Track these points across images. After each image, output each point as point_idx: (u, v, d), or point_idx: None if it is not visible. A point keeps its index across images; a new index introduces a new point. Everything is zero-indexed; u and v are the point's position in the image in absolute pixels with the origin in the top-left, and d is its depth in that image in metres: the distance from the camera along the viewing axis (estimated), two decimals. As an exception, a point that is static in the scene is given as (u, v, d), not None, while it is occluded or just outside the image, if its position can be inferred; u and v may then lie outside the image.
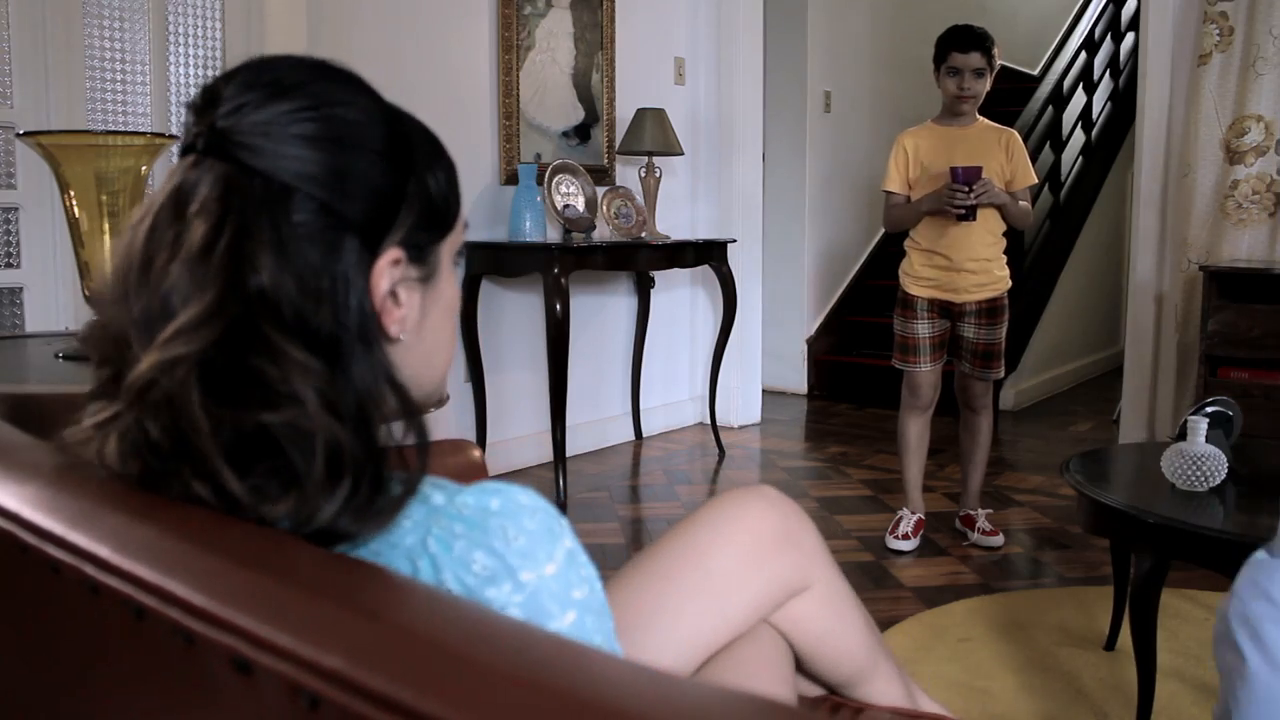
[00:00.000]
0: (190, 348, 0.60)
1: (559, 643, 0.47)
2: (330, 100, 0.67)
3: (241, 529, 0.60)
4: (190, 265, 0.62)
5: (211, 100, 0.66)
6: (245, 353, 0.61)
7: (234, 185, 0.64)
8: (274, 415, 0.60)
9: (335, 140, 0.66)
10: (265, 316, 0.62)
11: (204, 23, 2.99)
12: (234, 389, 0.61)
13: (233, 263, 0.62)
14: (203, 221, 0.63)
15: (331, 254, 0.65)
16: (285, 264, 0.63)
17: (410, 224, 0.69)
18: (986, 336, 2.86)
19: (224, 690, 0.48)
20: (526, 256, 3.38)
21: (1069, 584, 2.63)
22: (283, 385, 0.61)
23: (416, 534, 0.63)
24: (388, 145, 0.69)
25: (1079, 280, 5.52)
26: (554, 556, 0.64)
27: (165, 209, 0.65)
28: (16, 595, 0.66)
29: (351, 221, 0.66)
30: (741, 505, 1.12)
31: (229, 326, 0.61)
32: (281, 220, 0.63)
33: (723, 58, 4.45)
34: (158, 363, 0.61)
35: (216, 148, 0.65)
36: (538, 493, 0.66)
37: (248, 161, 0.64)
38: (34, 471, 0.69)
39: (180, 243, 0.63)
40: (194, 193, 0.64)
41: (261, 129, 0.64)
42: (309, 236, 0.64)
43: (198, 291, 0.62)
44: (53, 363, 1.59)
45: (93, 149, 1.58)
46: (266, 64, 0.68)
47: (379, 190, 0.68)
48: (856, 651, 1.21)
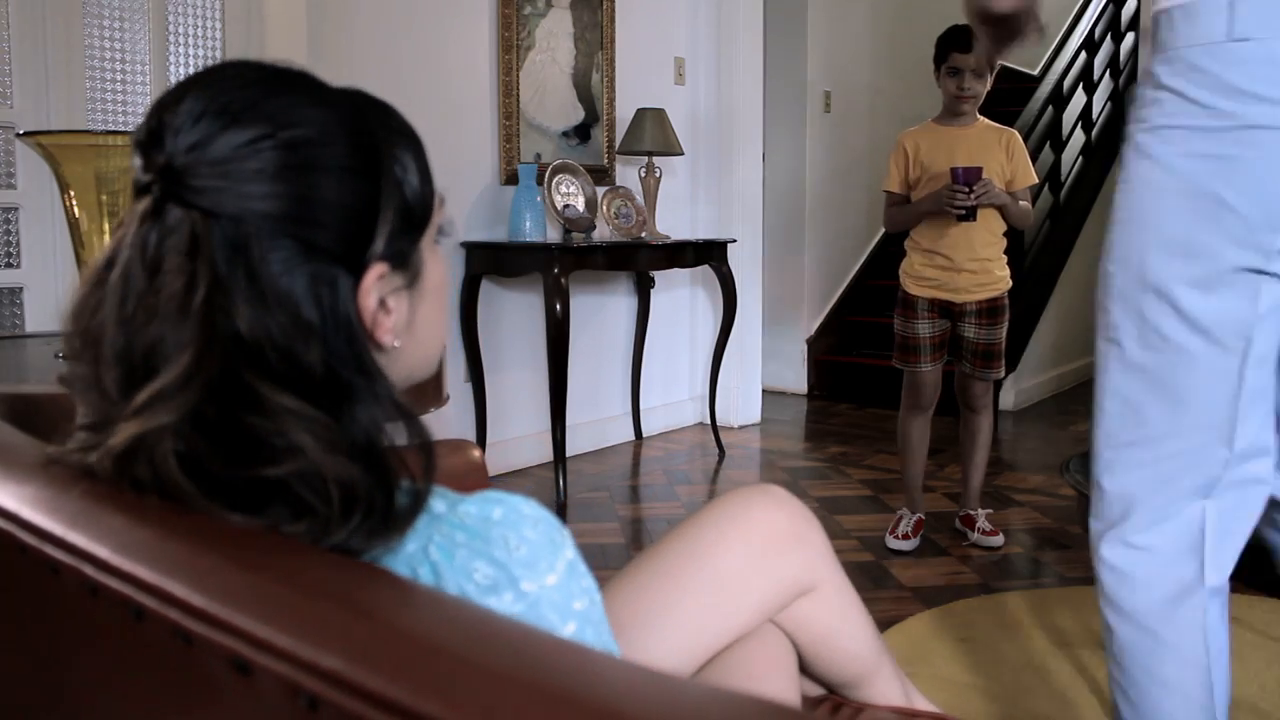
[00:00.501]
0: (169, 418, 0.59)
1: (558, 644, 0.47)
2: (286, 121, 0.63)
3: (241, 530, 0.60)
4: (170, 322, 0.60)
5: (158, 136, 0.62)
6: (234, 408, 0.59)
7: (201, 232, 0.61)
8: (276, 469, 0.59)
9: (299, 168, 0.62)
10: (249, 367, 0.60)
11: (204, 23, 2.99)
12: (229, 447, 0.59)
13: (210, 315, 0.60)
14: (176, 276, 0.61)
15: (314, 288, 0.63)
16: (265, 310, 0.61)
17: (389, 232, 0.66)
18: (987, 336, 2.86)
19: (223, 691, 0.48)
20: (526, 256, 3.38)
21: (1069, 584, 2.63)
22: (278, 439, 0.59)
23: (418, 541, 0.63)
24: (352, 157, 0.65)
25: (1079, 280, 5.52)
26: (555, 567, 0.63)
27: (134, 261, 0.62)
28: (16, 596, 0.66)
29: (329, 250, 0.63)
30: (748, 504, 1.12)
31: (210, 386, 0.59)
32: (256, 264, 0.61)
33: (723, 58, 4.45)
34: (138, 434, 0.59)
35: (174, 193, 0.61)
36: (539, 503, 0.66)
37: (211, 207, 0.61)
38: (34, 471, 0.68)
39: (156, 298, 0.61)
40: (160, 241, 0.62)
41: (220, 169, 0.61)
42: (287, 274, 0.62)
43: (178, 349, 0.60)
44: (53, 363, 1.59)
45: (93, 149, 1.58)
46: (213, 85, 0.64)
47: (352, 209, 0.64)
48: (860, 652, 1.20)
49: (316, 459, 0.59)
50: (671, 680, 0.42)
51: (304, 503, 0.60)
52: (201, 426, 0.59)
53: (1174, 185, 1.15)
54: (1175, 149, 1.15)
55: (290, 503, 0.60)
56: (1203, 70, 1.11)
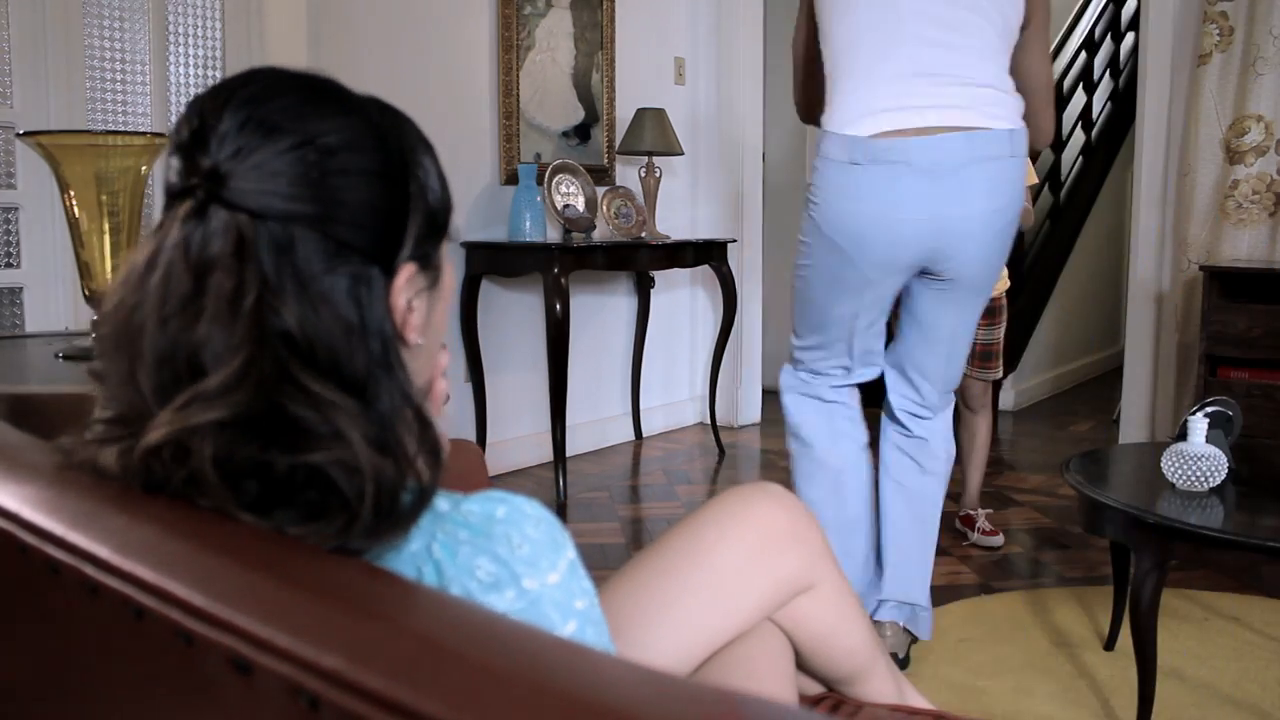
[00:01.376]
0: (220, 414, 0.60)
1: (558, 644, 0.47)
2: (324, 129, 0.65)
3: (241, 530, 0.60)
4: (219, 323, 0.61)
5: (201, 140, 0.64)
6: (282, 402, 0.61)
7: (248, 235, 0.62)
8: (329, 455, 0.60)
9: (338, 173, 0.65)
10: (298, 364, 0.62)
11: (204, 23, 2.99)
12: (273, 438, 0.60)
13: (261, 315, 0.61)
14: (225, 277, 0.62)
15: (354, 288, 0.65)
16: (312, 309, 0.63)
17: (416, 235, 0.69)
18: (984, 337, 2.86)
19: (224, 691, 0.48)
20: (526, 256, 3.38)
21: (1069, 584, 2.63)
22: (324, 428, 0.61)
23: (421, 540, 0.63)
24: (383, 163, 0.68)
25: (1079, 280, 5.52)
26: (557, 566, 0.64)
27: (176, 262, 0.63)
28: (16, 596, 0.66)
29: (366, 251, 0.66)
30: (748, 502, 1.12)
31: (262, 383, 0.61)
32: (301, 264, 0.63)
33: (723, 58, 4.45)
34: (185, 427, 0.60)
35: (219, 195, 0.63)
36: (541, 503, 0.67)
37: (258, 209, 0.63)
38: (34, 471, 0.69)
39: (202, 299, 0.62)
40: (205, 244, 0.63)
41: (264, 173, 0.63)
42: (330, 274, 0.64)
43: (229, 350, 0.61)
44: (53, 363, 1.59)
45: (93, 149, 1.58)
46: (252, 94, 0.66)
47: (385, 212, 0.67)
48: (857, 650, 1.21)
49: (359, 452, 0.61)
50: (671, 679, 0.42)
51: (328, 497, 0.60)
52: (247, 421, 0.60)
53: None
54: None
55: (309, 500, 0.60)
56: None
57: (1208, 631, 2.31)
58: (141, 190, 1.63)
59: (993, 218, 1.83)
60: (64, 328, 2.63)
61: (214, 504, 0.60)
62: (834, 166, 1.84)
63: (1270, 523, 1.81)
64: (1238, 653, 2.20)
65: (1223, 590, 2.55)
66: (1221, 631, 2.31)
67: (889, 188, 1.79)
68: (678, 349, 4.53)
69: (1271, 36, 3.61)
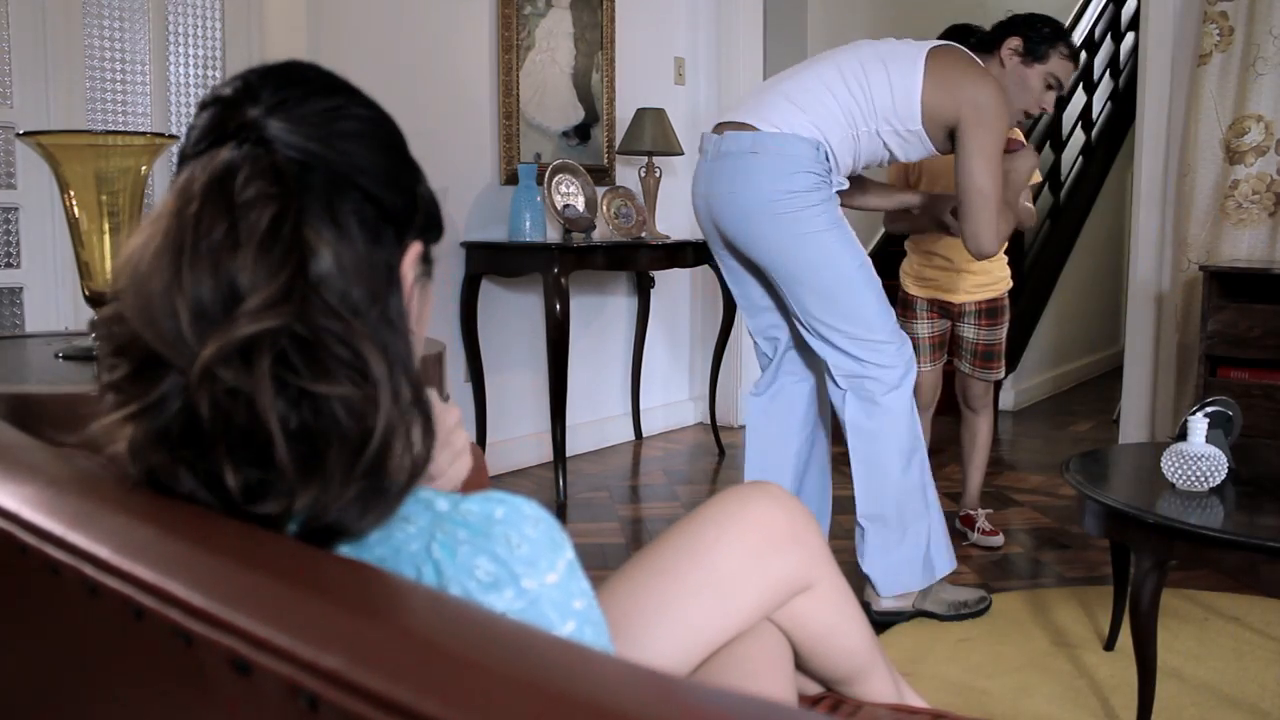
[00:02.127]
0: (269, 324, 0.60)
1: (558, 644, 0.47)
2: (357, 102, 0.71)
3: (241, 529, 0.60)
4: (257, 251, 0.62)
5: (248, 93, 0.67)
6: (313, 329, 0.61)
7: (287, 172, 0.64)
8: (341, 389, 0.61)
9: (372, 136, 0.69)
10: (331, 299, 0.63)
11: (204, 23, 2.99)
12: (301, 365, 0.61)
13: (298, 246, 0.63)
14: (264, 207, 0.63)
15: (377, 244, 0.67)
16: (343, 252, 0.65)
17: (422, 222, 0.73)
18: (986, 337, 2.86)
19: (223, 691, 0.48)
20: (526, 256, 3.38)
21: (1069, 584, 2.63)
22: (351, 359, 0.62)
23: (421, 540, 0.63)
24: (399, 146, 0.73)
25: (1079, 280, 5.52)
26: (556, 566, 0.64)
27: (211, 196, 0.64)
28: (16, 596, 0.66)
29: (388, 211, 0.69)
30: (746, 502, 1.12)
31: (301, 306, 0.62)
32: (338, 209, 0.65)
33: (723, 58, 4.45)
34: (234, 340, 0.60)
35: (260, 139, 0.65)
36: (540, 504, 0.67)
37: (298, 150, 0.65)
38: (34, 471, 0.69)
39: (238, 230, 0.62)
40: (244, 180, 0.64)
41: (307, 124, 0.66)
42: (361, 226, 0.66)
43: (267, 277, 0.61)
44: (53, 363, 1.59)
45: (93, 149, 1.58)
46: (291, 68, 0.70)
47: (404, 184, 0.71)
48: (856, 650, 1.21)
49: (381, 390, 0.63)
50: (670, 679, 0.42)
51: (328, 447, 0.61)
52: (280, 345, 0.61)
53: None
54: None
55: (316, 447, 0.61)
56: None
57: (1208, 631, 2.31)
58: (141, 190, 1.63)
59: (741, 203, 2.22)
60: (64, 328, 2.63)
61: (249, 432, 0.60)
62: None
63: (1270, 523, 1.81)
64: (1238, 653, 2.20)
65: (1223, 590, 2.55)
66: (1221, 631, 2.31)
67: (697, 171, 2.35)
68: (678, 349, 4.53)
69: (1271, 36, 3.61)
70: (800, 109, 2.20)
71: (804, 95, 2.21)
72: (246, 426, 0.61)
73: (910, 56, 2.22)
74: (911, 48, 2.25)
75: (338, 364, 0.62)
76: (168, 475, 0.64)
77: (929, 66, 2.20)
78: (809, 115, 2.19)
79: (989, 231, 2.19)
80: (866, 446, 2.32)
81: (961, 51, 2.26)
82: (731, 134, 2.22)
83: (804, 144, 2.17)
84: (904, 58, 2.22)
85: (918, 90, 2.19)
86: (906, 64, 2.20)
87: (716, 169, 2.24)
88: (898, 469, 2.31)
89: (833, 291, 2.23)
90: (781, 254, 2.24)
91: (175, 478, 0.63)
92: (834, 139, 2.20)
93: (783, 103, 2.21)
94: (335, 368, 0.62)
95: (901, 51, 2.24)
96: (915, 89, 2.19)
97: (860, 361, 2.27)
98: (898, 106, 2.20)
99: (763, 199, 2.19)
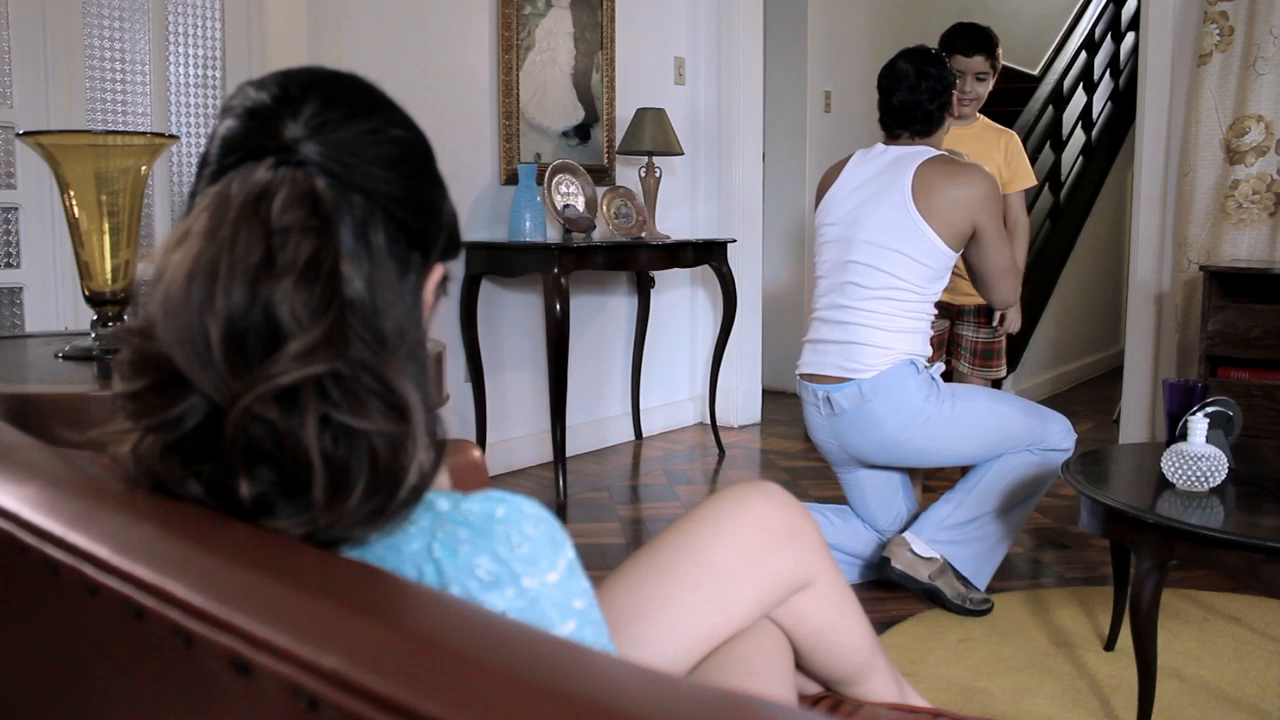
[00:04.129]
0: (313, 369, 0.60)
1: (558, 644, 0.47)
2: (395, 122, 0.70)
3: (241, 529, 0.60)
4: (298, 284, 0.61)
5: (288, 106, 0.66)
6: (349, 366, 0.61)
7: (329, 203, 0.63)
8: (376, 425, 0.61)
9: (407, 162, 0.69)
10: (367, 334, 0.63)
11: (204, 23, 2.99)
12: (337, 401, 0.61)
13: (337, 280, 0.62)
14: (302, 238, 0.62)
15: (405, 272, 0.68)
16: (378, 283, 0.65)
17: (444, 242, 0.73)
18: (986, 336, 2.86)
19: (223, 691, 0.48)
20: (526, 256, 3.38)
21: (1069, 584, 2.63)
22: (384, 393, 0.62)
23: (422, 540, 0.63)
24: (431, 169, 0.73)
25: (1079, 280, 5.52)
26: (556, 565, 0.64)
27: (246, 219, 0.62)
28: (16, 596, 0.66)
29: (416, 239, 0.69)
30: (744, 500, 1.12)
31: (341, 347, 0.61)
32: (373, 239, 0.65)
33: (723, 58, 4.45)
34: (279, 385, 0.59)
35: (298, 160, 0.64)
36: (540, 503, 0.67)
37: (343, 178, 0.65)
38: (34, 471, 0.69)
39: (275, 258, 0.61)
40: (281, 206, 0.62)
41: (350, 147, 0.66)
42: (392, 255, 0.67)
43: (308, 315, 0.60)
44: (53, 363, 1.59)
45: (92, 149, 1.58)
46: (331, 79, 0.69)
47: (434, 210, 0.72)
48: (856, 648, 1.21)
49: (417, 424, 0.63)
50: (670, 679, 0.42)
51: (351, 470, 0.61)
52: (319, 383, 0.61)
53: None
54: None
55: (340, 472, 0.61)
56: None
57: (1208, 631, 2.31)
58: (141, 190, 1.63)
59: (878, 437, 2.41)
60: (64, 328, 2.63)
61: (246, 468, 0.60)
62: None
63: (1270, 523, 1.81)
64: (1238, 653, 2.20)
65: (1223, 590, 2.55)
66: (1221, 631, 2.31)
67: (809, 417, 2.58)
68: (678, 349, 4.53)
69: (1272, 36, 3.61)
70: (884, 332, 2.34)
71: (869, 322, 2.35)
72: (275, 455, 0.60)
73: (905, 216, 2.31)
74: (897, 203, 2.33)
75: (373, 398, 0.62)
76: (176, 484, 0.63)
77: (921, 208, 2.30)
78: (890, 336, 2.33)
79: (1012, 292, 2.45)
80: (1021, 456, 2.41)
81: (936, 163, 2.34)
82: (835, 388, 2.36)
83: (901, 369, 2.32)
84: (902, 217, 2.31)
85: (936, 239, 2.30)
86: (911, 229, 2.31)
87: (837, 425, 2.40)
88: (1022, 492, 2.43)
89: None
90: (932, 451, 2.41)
91: (184, 486, 0.63)
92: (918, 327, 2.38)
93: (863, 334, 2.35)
94: (371, 402, 0.61)
95: (894, 218, 2.33)
96: (935, 241, 2.30)
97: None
98: (934, 260, 2.32)
99: (895, 431, 2.34)
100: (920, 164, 2.32)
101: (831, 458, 2.53)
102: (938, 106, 2.39)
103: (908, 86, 2.37)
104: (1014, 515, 2.45)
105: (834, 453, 2.50)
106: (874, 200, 2.35)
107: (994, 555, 2.47)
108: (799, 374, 2.48)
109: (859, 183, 2.41)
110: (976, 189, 2.30)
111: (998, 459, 2.40)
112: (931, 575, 2.37)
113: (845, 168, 2.47)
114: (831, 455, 2.52)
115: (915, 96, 2.36)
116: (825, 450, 2.51)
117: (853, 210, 2.38)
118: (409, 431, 0.62)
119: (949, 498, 2.45)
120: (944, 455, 2.41)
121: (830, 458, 2.54)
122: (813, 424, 2.47)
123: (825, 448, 2.50)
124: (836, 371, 2.36)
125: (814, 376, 2.41)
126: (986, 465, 2.41)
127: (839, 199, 2.43)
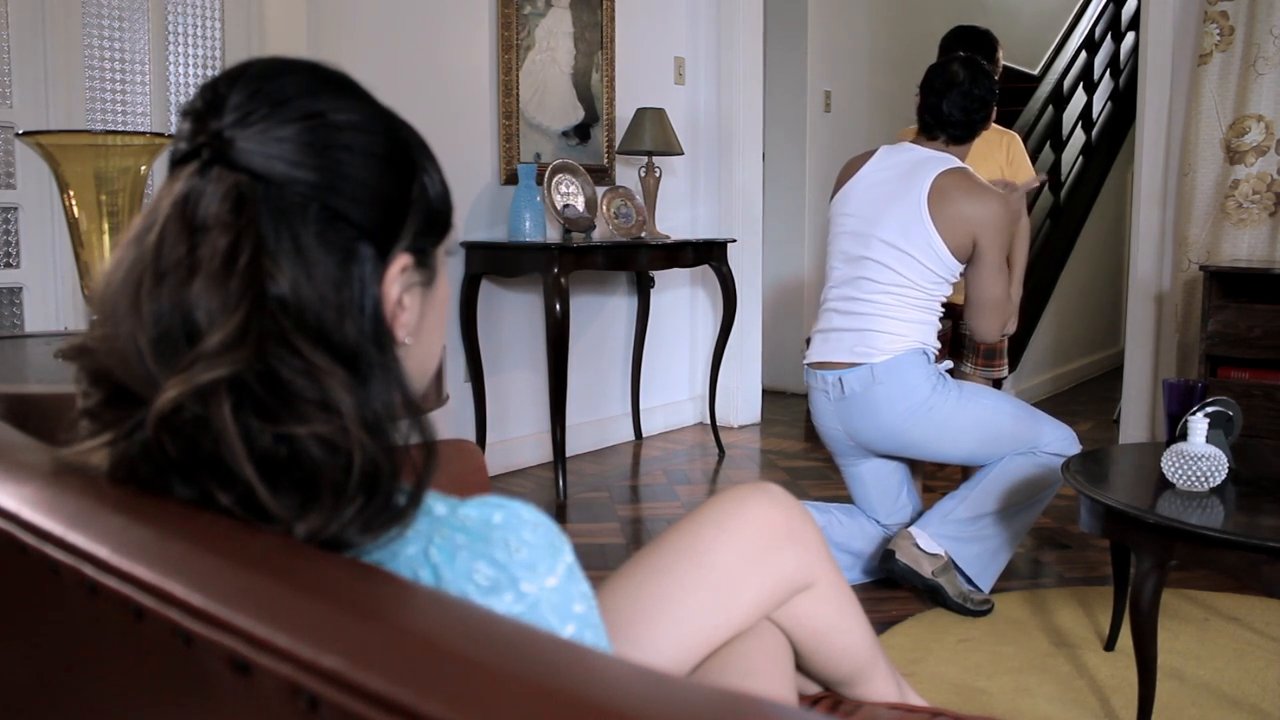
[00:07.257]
0: (223, 371, 0.59)
1: (559, 644, 0.47)
2: (334, 107, 0.67)
3: (241, 530, 0.60)
4: (212, 281, 0.60)
5: (214, 106, 0.65)
6: (276, 366, 0.60)
7: (248, 196, 0.62)
8: (311, 428, 0.60)
9: (344, 148, 0.66)
10: (291, 328, 0.61)
11: (204, 23, 2.99)
12: (268, 404, 0.60)
13: (255, 276, 0.61)
14: (220, 235, 0.61)
15: (348, 263, 0.65)
16: (306, 275, 0.62)
17: (415, 229, 0.70)
18: (987, 336, 2.85)
19: (223, 691, 0.48)
20: (526, 256, 3.38)
21: (1069, 584, 2.63)
22: (317, 395, 0.60)
23: (418, 544, 0.63)
24: (389, 150, 0.69)
25: (1079, 280, 5.52)
26: (555, 570, 0.64)
27: (172, 220, 0.63)
28: (16, 596, 0.66)
29: (364, 229, 0.66)
30: (744, 501, 1.12)
31: (260, 344, 0.60)
32: (299, 230, 0.63)
33: (723, 58, 4.45)
34: (191, 389, 0.59)
35: (223, 156, 0.63)
36: (538, 508, 0.67)
37: (260, 170, 0.63)
38: (34, 471, 0.68)
39: (195, 257, 0.61)
40: (204, 203, 0.62)
41: (272, 138, 0.63)
42: (325, 245, 0.64)
43: (224, 310, 0.60)
44: (52, 363, 1.59)
45: (92, 149, 1.58)
46: (267, 71, 0.67)
47: (387, 197, 0.68)
48: (856, 649, 1.21)
49: (350, 425, 0.60)
50: (670, 679, 0.42)
51: (315, 477, 0.60)
52: (242, 379, 0.59)
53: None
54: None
55: (301, 484, 0.60)
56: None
57: (1208, 631, 2.31)
58: (141, 190, 1.63)
59: (883, 424, 2.47)
60: (64, 328, 2.63)
61: (230, 472, 0.59)
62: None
63: (1270, 523, 1.81)
64: (1238, 653, 2.20)
65: (1223, 590, 2.55)
66: (1221, 631, 2.31)
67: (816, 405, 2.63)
68: (678, 349, 4.53)
69: (1272, 36, 3.60)
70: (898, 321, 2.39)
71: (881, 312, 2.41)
72: (221, 462, 0.60)
73: (918, 219, 2.35)
74: (912, 205, 2.36)
75: (302, 399, 0.60)
76: (163, 490, 0.63)
77: (934, 214, 2.34)
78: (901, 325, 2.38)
79: (995, 329, 2.48)
80: (1024, 458, 2.42)
81: (956, 175, 2.37)
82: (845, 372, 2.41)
83: (912, 356, 2.37)
84: (915, 220, 2.35)
85: (943, 246, 2.35)
86: (921, 233, 2.35)
87: (845, 408, 2.44)
88: (1026, 494, 2.43)
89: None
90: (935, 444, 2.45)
91: (169, 490, 0.63)
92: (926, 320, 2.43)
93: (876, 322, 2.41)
94: (300, 403, 0.60)
95: (908, 220, 2.36)
96: (941, 248, 2.35)
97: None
98: (939, 267, 2.38)
99: (900, 417, 2.38)
100: (941, 172, 2.35)
101: (835, 447, 2.54)
102: (982, 118, 2.42)
103: (960, 93, 2.39)
104: (1019, 520, 2.45)
105: (839, 441, 2.51)
106: (891, 198, 2.38)
107: (998, 558, 2.47)
108: (808, 363, 2.51)
109: (880, 178, 2.44)
110: (989, 211, 2.34)
111: (1001, 459, 2.41)
112: (935, 571, 2.37)
113: (869, 161, 2.50)
114: (836, 444, 2.53)
115: (965, 104, 2.40)
116: (830, 439, 2.53)
117: (870, 204, 2.42)
118: (340, 426, 0.60)
119: (953, 494, 2.46)
120: (942, 449, 2.42)
121: (834, 447, 2.55)
122: (820, 411, 2.49)
123: (830, 435, 2.51)
124: (849, 356, 2.40)
125: (825, 364, 2.45)
126: (991, 465, 2.43)
127: (858, 190, 2.46)
